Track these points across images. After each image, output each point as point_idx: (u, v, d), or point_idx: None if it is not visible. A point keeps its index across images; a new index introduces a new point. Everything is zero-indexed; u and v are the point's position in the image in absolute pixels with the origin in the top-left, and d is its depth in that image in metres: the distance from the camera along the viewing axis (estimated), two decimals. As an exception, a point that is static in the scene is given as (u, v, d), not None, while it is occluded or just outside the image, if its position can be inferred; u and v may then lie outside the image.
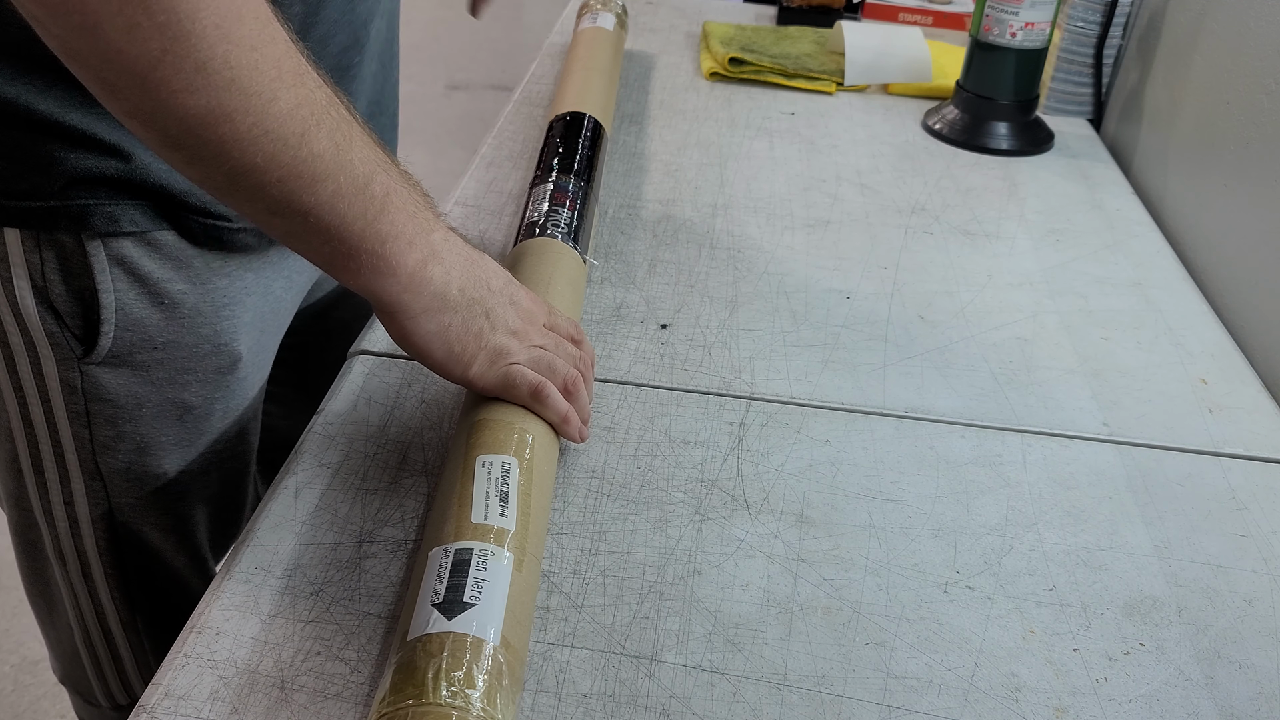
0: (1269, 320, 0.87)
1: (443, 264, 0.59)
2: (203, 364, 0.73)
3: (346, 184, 0.53)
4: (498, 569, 0.53)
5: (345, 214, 0.53)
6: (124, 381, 0.71)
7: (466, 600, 0.50)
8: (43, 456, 0.74)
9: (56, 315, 0.67)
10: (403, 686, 0.47)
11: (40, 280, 0.66)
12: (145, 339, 0.70)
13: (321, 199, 0.52)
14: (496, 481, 0.57)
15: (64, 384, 0.70)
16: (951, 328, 0.86)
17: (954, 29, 1.52)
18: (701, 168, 1.09)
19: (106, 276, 0.67)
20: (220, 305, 0.72)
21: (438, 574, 0.52)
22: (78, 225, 0.65)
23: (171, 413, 0.74)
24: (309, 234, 0.54)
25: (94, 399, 0.71)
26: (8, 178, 0.64)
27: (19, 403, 0.72)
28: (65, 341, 0.68)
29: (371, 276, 0.57)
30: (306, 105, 0.51)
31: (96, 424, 0.72)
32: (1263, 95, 0.93)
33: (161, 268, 0.69)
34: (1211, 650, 0.60)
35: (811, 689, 0.56)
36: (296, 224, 0.54)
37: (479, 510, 0.55)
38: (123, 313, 0.68)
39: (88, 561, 0.79)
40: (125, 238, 0.67)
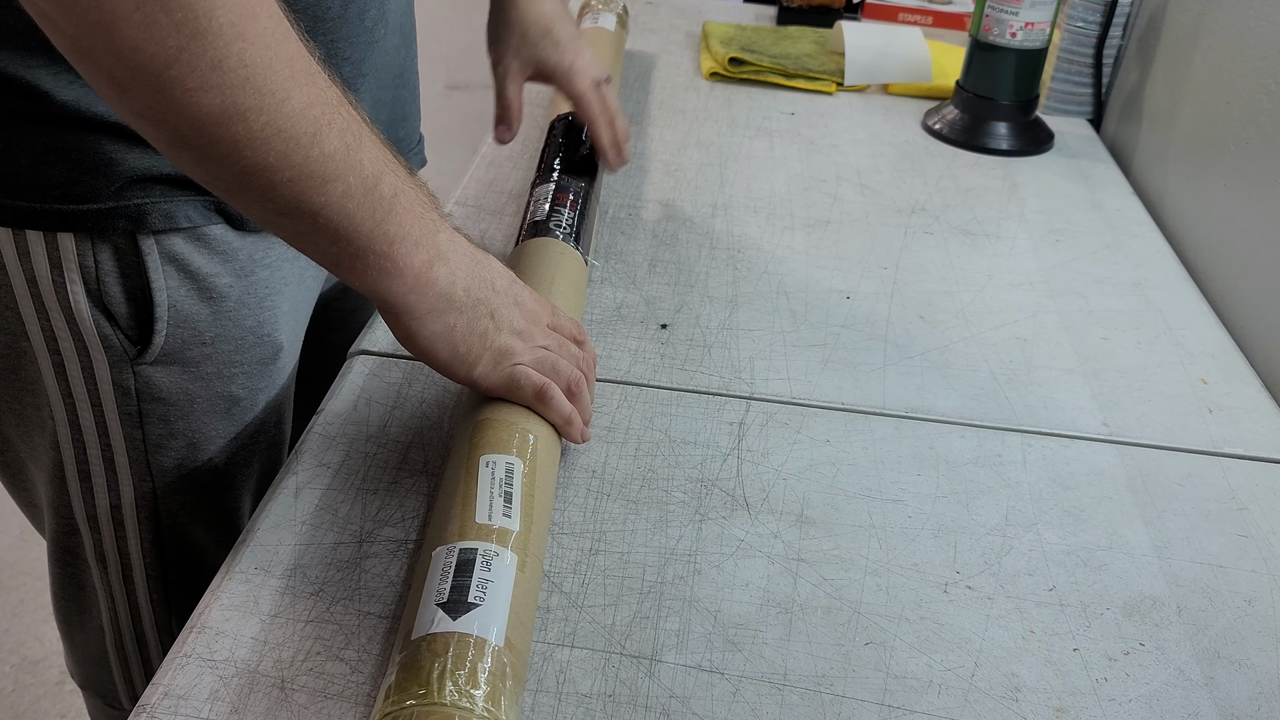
0: (1269, 320, 0.87)
1: (448, 265, 0.59)
2: (248, 355, 0.74)
3: (356, 184, 0.53)
4: (501, 569, 0.53)
5: (354, 214, 0.54)
6: (175, 379, 0.72)
7: (471, 600, 0.51)
8: (90, 462, 0.74)
9: (110, 317, 0.68)
10: (407, 685, 0.47)
11: (95, 283, 0.66)
12: (195, 334, 0.71)
13: (331, 199, 0.53)
14: (500, 482, 0.57)
15: (116, 386, 0.70)
16: (951, 328, 0.86)
17: (954, 29, 1.52)
18: (701, 168, 1.09)
19: (159, 274, 0.67)
20: (263, 296, 0.73)
21: (442, 573, 0.52)
22: (134, 225, 0.65)
23: (220, 406, 0.75)
24: (317, 234, 0.54)
25: (147, 399, 0.72)
26: (66, 182, 0.64)
27: (67, 409, 0.71)
28: (119, 344, 0.69)
29: (378, 277, 0.57)
30: (319, 104, 0.51)
31: (149, 423, 0.73)
32: (1263, 95, 0.93)
33: (210, 262, 0.69)
34: (1211, 650, 0.60)
35: (811, 689, 0.56)
36: (305, 224, 0.54)
37: (483, 510, 0.55)
38: (174, 309, 0.69)
39: (130, 564, 0.79)
40: (176, 234, 0.67)
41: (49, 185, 0.64)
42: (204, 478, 0.77)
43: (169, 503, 0.77)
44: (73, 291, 0.66)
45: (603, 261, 0.92)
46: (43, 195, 0.64)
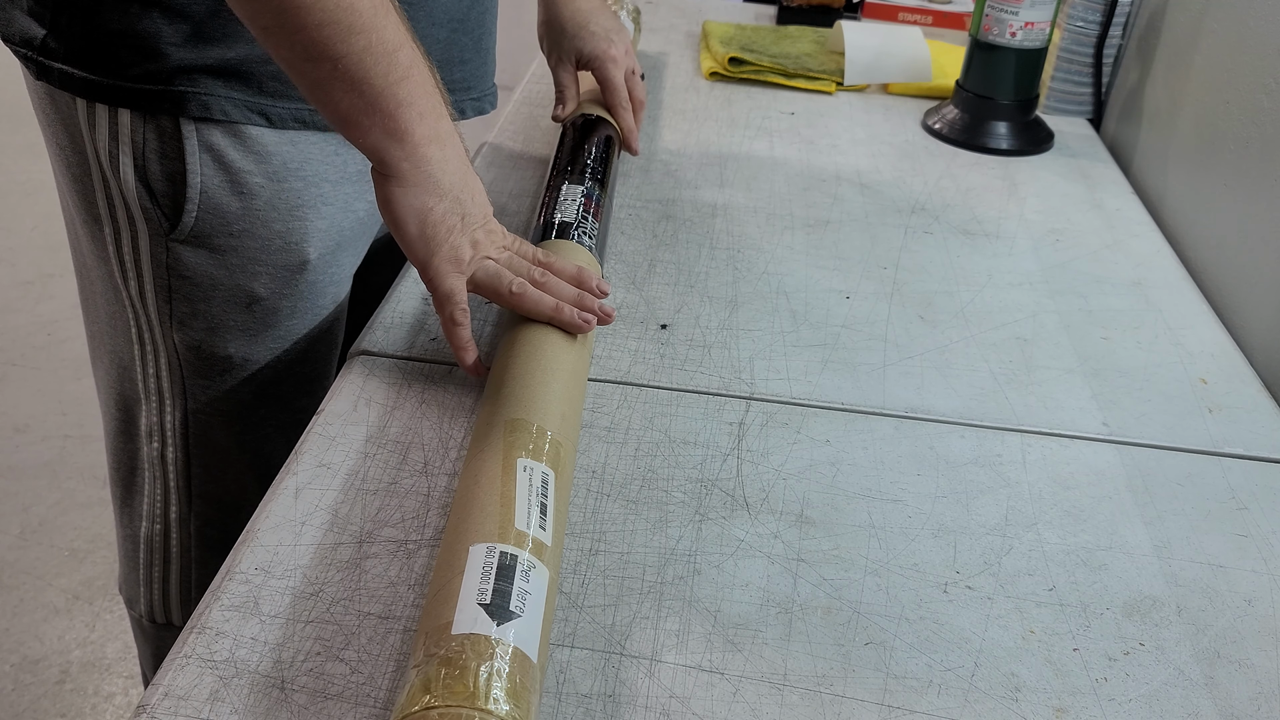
0: (1269, 320, 0.87)
1: (443, 150, 0.66)
2: (273, 259, 0.80)
3: (377, 43, 0.60)
4: (539, 584, 0.52)
5: (371, 70, 0.60)
6: (201, 261, 0.79)
7: (512, 610, 0.50)
8: (143, 329, 0.83)
9: (151, 192, 0.76)
10: (453, 685, 0.46)
11: (140, 159, 0.75)
12: (222, 223, 0.77)
13: (353, 49, 0.59)
14: (537, 491, 0.57)
15: (154, 258, 0.79)
16: (951, 328, 0.86)
17: (954, 29, 1.52)
18: (701, 168, 1.09)
19: (196, 160, 0.75)
20: (293, 205, 0.79)
21: (483, 572, 0.51)
22: (176, 109, 0.73)
23: (241, 299, 0.81)
24: (335, 83, 0.61)
25: (175, 274, 0.79)
26: (128, 62, 0.73)
27: (121, 276, 0.81)
28: (156, 217, 0.77)
29: (380, 136, 0.63)
30: None
31: (176, 299, 0.80)
32: (1263, 95, 0.93)
33: (243, 158, 0.76)
34: (1211, 650, 0.60)
35: (811, 689, 0.56)
36: (325, 71, 0.60)
37: (522, 517, 0.55)
38: (205, 196, 0.76)
39: (165, 442, 0.87)
40: (215, 126, 0.75)
41: (116, 63, 0.72)
42: (220, 365, 0.83)
43: (192, 384, 0.84)
44: (123, 165, 0.75)
45: (603, 262, 0.92)
46: (110, 72, 0.73)
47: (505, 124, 1.16)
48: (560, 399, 0.64)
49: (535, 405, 0.63)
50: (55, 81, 0.74)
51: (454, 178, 0.67)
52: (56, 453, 1.90)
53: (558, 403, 0.64)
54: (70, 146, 0.78)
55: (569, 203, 0.83)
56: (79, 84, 0.74)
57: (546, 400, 0.64)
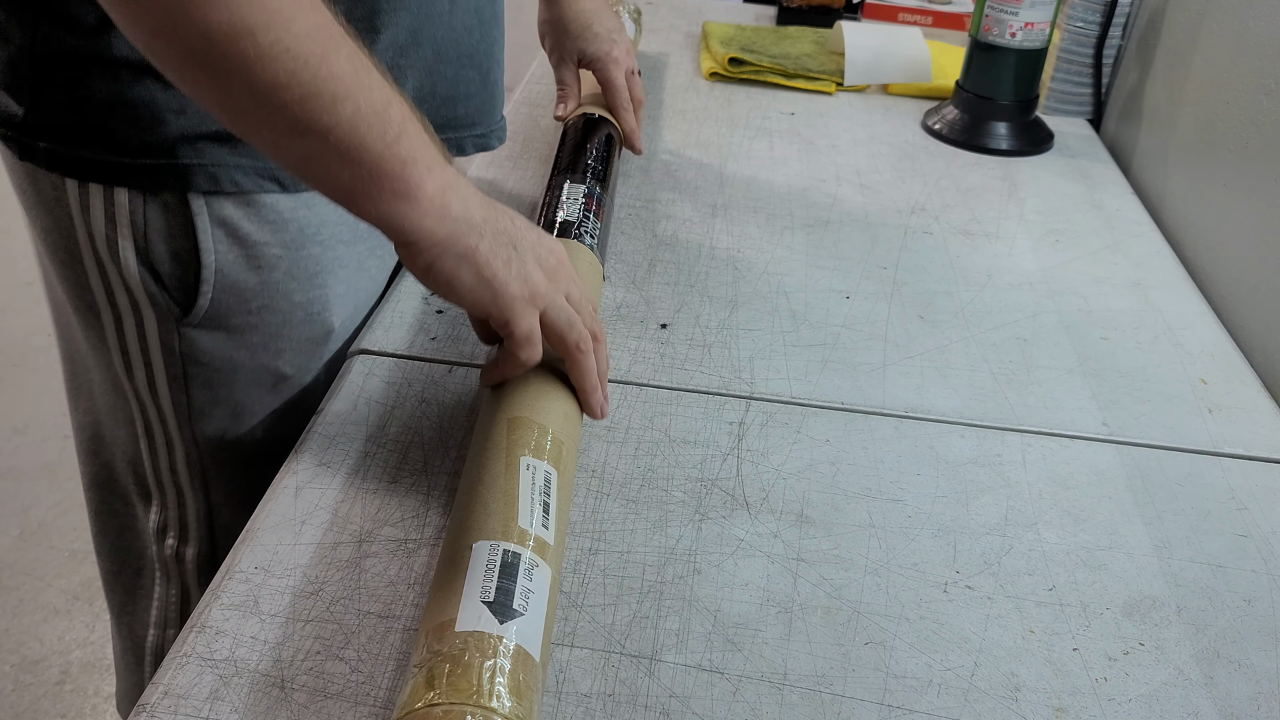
0: (1269, 320, 0.87)
1: (460, 194, 0.59)
2: (296, 331, 0.75)
3: (365, 105, 0.54)
4: (541, 582, 0.52)
5: (365, 135, 0.54)
6: (219, 345, 0.73)
7: (515, 608, 0.50)
8: (151, 422, 0.76)
9: (156, 276, 0.70)
10: (457, 682, 0.46)
11: (143, 240, 0.69)
12: (241, 301, 0.72)
13: (341, 118, 0.53)
14: (540, 490, 0.57)
15: (164, 346, 0.73)
16: (951, 328, 0.86)
17: (954, 29, 1.52)
18: (701, 168, 1.09)
19: (208, 236, 0.69)
20: (313, 273, 0.74)
21: (486, 570, 0.51)
22: (182, 184, 0.67)
23: (265, 379, 0.76)
24: (329, 156, 0.55)
25: (191, 361, 0.73)
26: (123, 136, 0.66)
27: (125, 366, 0.74)
28: (165, 302, 0.71)
29: (392, 201, 0.56)
30: (325, 29, 0.52)
31: (194, 387, 0.74)
32: (1263, 95, 0.93)
33: (259, 229, 0.70)
34: (1211, 650, 0.60)
35: (811, 689, 0.56)
36: (316, 144, 0.54)
37: (525, 515, 0.55)
38: (221, 274, 0.70)
39: (183, 538, 0.80)
40: (226, 198, 0.69)
41: (110, 138, 0.66)
42: (247, 451, 0.78)
43: (215, 475, 0.78)
44: (123, 247, 0.69)
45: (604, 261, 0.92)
46: (103, 147, 0.66)
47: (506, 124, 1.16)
48: (562, 398, 0.64)
49: (537, 404, 0.63)
50: (41, 162, 0.68)
51: (484, 212, 0.61)
52: (56, 454, 1.90)
53: (560, 402, 0.64)
54: (57, 231, 0.71)
55: (571, 202, 0.83)
56: (69, 163, 0.67)
57: (549, 399, 0.63)
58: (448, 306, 0.84)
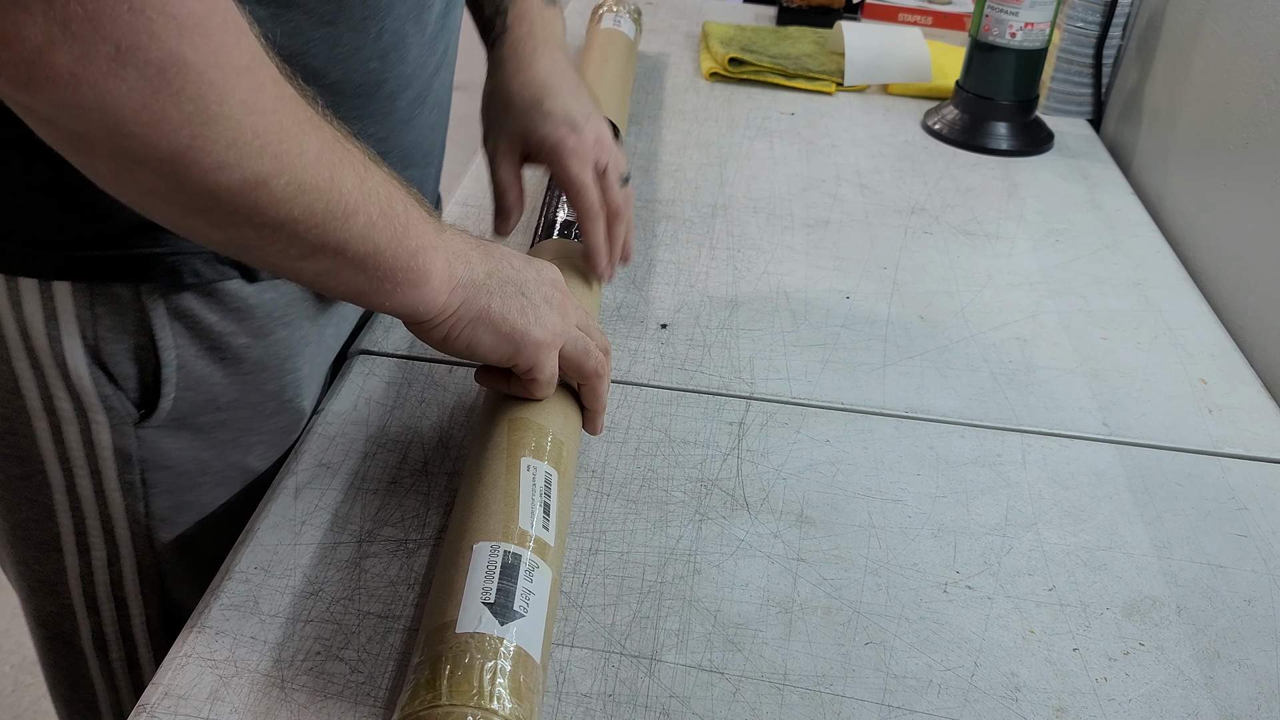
0: (1269, 320, 0.87)
1: (464, 258, 0.58)
2: (268, 423, 0.69)
3: (375, 211, 0.51)
4: (542, 584, 0.52)
5: (378, 240, 0.52)
6: (185, 446, 0.66)
7: (516, 609, 0.50)
8: (89, 534, 0.68)
9: (110, 376, 0.62)
10: (458, 684, 0.46)
11: (93, 339, 0.61)
12: (209, 399, 0.65)
13: (354, 232, 0.51)
14: (540, 491, 0.57)
15: (118, 452, 0.64)
16: (951, 328, 0.86)
17: (954, 29, 1.52)
18: (701, 168, 1.09)
19: (167, 332, 0.62)
20: (284, 358, 0.68)
21: (486, 571, 0.51)
22: (137, 276, 0.60)
23: (235, 478, 0.69)
24: (343, 269, 0.52)
25: (152, 467, 0.66)
26: (63, 225, 0.58)
27: (64, 475, 0.65)
28: (119, 405, 0.63)
29: (408, 291, 0.54)
30: (328, 147, 0.49)
31: (154, 494, 0.67)
32: (1263, 96, 0.93)
33: (223, 320, 0.64)
34: (1211, 650, 0.60)
35: (811, 689, 0.56)
36: (329, 262, 0.51)
37: (526, 516, 0.55)
38: (184, 370, 0.63)
39: (135, 648, 0.73)
40: (186, 290, 0.62)
41: (44, 228, 0.58)
42: (213, 559, 0.68)
43: (176, 581, 0.71)
44: (69, 346, 0.60)
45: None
46: (36, 239, 0.58)
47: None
48: (563, 399, 0.64)
49: (538, 405, 0.63)
50: None
51: (488, 267, 0.58)
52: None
53: (560, 403, 0.64)
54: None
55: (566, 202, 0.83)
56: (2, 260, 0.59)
57: (550, 400, 0.63)
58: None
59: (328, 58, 0.56)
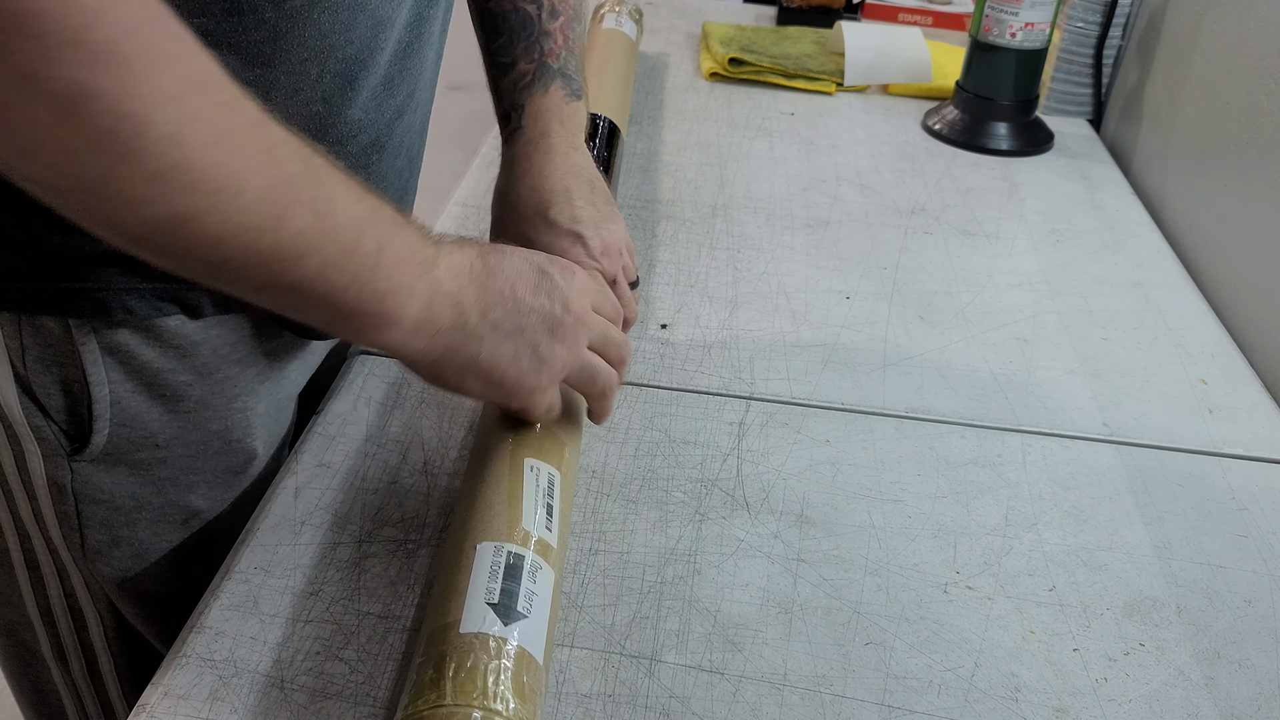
0: (1269, 320, 0.87)
1: (451, 298, 0.53)
2: (211, 463, 0.66)
3: (334, 252, 0.48)
4: (544, 585, 0.52)
5: (336, 282, 0.48)
6: (120, 481, 0.63)
7: (520, 610, 0.50)
8: (36, 551, 0.66)
9: (40, 407, 0.60)
10: (462, 684, 0.46)
11: (21, 368, 0.58)
12: (145, 436, 0.62)
13: (308, 273, 0.47)
14: (544, 492, 0.57)
15: (51, 482, 0.62)
16: (951, 328, 0.86)
17: (954, 29, 1.52)
18: (701, 168, 1.09)
19: (99, 367, 0.59)
20: (231, 397, 0.65)
21: (490, 571, 0.51)
22: (64, 311, 0.57)
23: (174, 516, 0.66)
24: (304, 304, 0.50)
25: (86, 500, 0.63)
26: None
27: (5, 497, 0.64)
28: (52, 436, 0.61)
29: (376, 332, 0.52)
30: (280, 185, 0.45)
31: (89, 528, 0.64)
32: (1263, 96, 0.93)
33: (162, 356, 0.60)
34: (1211, 650, 0.60)
35: (811, 689, 0.56)
36: (286, 298, 0.49)
37: (529, 517, 0.55)
38: (119, 407, 0.60)
39: (94, 656, 0.71)
40: (120, 326, 0.59)
41: None
42: (153, 590, 0.68)
43: (126, 611, 0.69)
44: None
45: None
46: None
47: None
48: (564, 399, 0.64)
49: None
50: None
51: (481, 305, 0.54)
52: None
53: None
54: None
55: None
56: None
57: None
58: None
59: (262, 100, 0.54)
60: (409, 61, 0.66)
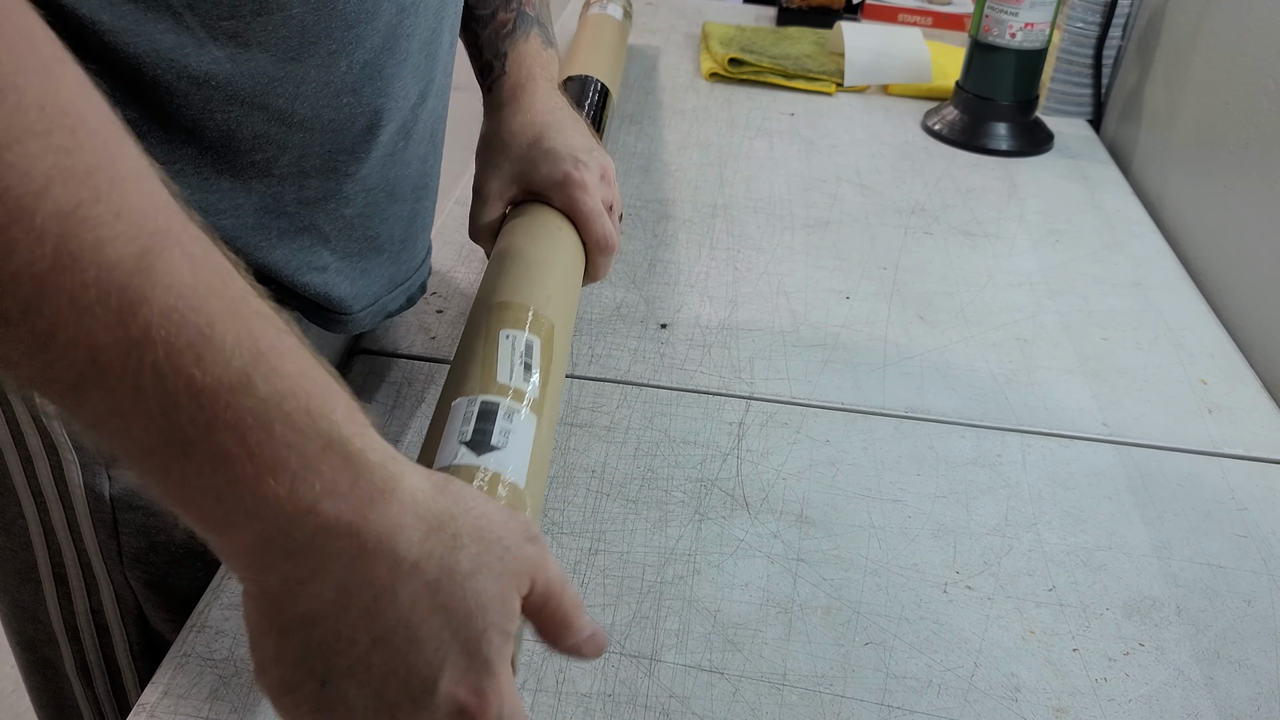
0: (1269, 320, 0.87)
1: (273, 553, 0.40)
2: None
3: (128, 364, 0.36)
4: (521, 424, 0.51)
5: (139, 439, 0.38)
6: None
7: (494, 444, 0.49)
8: (66, 565, 0.66)
9: None
10: None
11: None
12: None
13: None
14: (520, 354, 0.56)
15: (89, 490, 0.62)
16: (951, 328, 0.86)
17: (954, 29, 1.52)
18: (701, 168, 1.09)
19: None
20: None
21: (464, 419, 0.51)
22: None
23: None
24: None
25: (123, 506, 0.63)
26: None
27: (38, 508, 0.64)
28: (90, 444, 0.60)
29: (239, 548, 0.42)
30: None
31: (125, 534, 0.64)
32: (1262, 96, 0.93)
33: None
34: (1211, 650, 0.60)
35: (811, 689, 0.56)
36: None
37: (504, 373, 0.54)
38: None
39: (119, 671, 0.71)
40: None
41: None
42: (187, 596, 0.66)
43: (155, 617, 0.68)
44: None
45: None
46: None
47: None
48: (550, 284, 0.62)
49: (523, 290, 0.61)
50: None
51: (331, 585, 0.38)
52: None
53: (545, 287, 0.62)
54: None
55: None
56: None
57: (536, 286, 0.62)
58: (448, 306, 0.84)
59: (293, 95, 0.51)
60: (435, 45, 0.67)
